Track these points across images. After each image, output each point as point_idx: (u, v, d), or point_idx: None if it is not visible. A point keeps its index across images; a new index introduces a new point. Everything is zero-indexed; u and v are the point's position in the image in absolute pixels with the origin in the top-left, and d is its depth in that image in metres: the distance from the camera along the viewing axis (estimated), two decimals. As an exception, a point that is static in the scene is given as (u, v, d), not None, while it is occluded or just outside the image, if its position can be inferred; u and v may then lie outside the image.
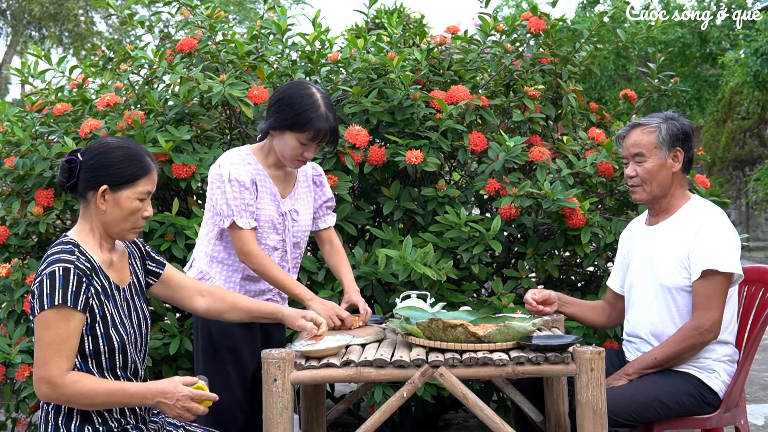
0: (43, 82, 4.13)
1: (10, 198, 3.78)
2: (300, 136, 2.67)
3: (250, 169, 2.72)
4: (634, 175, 2.83)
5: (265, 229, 2.75)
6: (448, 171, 4.18)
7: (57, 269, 2.11)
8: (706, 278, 2.67)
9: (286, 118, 2.66)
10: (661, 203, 2.85)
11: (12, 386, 3.57)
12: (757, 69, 12.26)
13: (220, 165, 2.72)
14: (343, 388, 4.69)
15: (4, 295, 3.63)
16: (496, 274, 3.87)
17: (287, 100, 2.68)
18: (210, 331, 2.73)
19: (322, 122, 2.66)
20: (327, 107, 2.68)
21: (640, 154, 2.81)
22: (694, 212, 2.79)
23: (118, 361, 2.22)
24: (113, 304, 2.23)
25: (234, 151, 2.77)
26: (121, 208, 2.23)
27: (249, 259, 2.69)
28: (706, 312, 2.67)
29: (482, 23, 4.03)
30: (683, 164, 2.83)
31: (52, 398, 2.12)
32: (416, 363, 2.32)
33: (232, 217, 2.67)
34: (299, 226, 2.86)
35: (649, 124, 2.83)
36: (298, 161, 2.74)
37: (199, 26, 3.94)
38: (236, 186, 2.67)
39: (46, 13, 21.32)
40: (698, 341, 2.69)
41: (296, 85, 2.76)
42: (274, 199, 2.77)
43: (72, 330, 2.11)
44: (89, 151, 2.26)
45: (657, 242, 2.83)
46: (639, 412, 2.65)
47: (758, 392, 5.06)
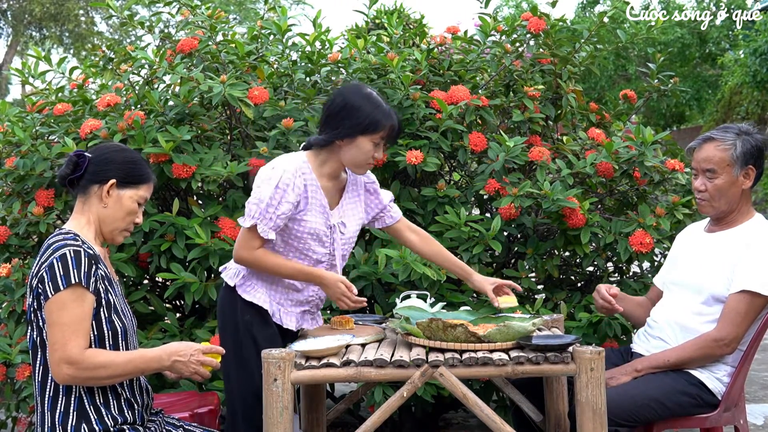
0: (43, 82, 4.13)
1: (11, 198, 3.79)
2: (374, 137, 2.64)
3: (301, 182, 2.64)
4: (703, 190, 2.79)
5: (307, 240, 2.69)
6: (448, 171, 4.18)
7: (68, 251, 2.16)
8: (743, 295, 2.67)
9: (357, 123, 2.61)
10: (726, 218, 2.82)
11: (12, 386, 3.57)
12: (757, 69, 12.28)
13: (274, 167, 2.65)
14: (343, 388, 4.69)
15: (5, 295, 3.63)
16: (496, 274, 3.87)
17: (353, 105, 2.63)
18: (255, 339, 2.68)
19: (391, 118, 2.66)
20: (386, 103, 2.69)
21: (712, 171, 2.76)
22: (753, 230, 2.77)
23: (122, 347, 2.25)
24: (114, 292, 2.27)
25: (291, 158, 2.69)
26: (122, 206, 2.30)
27: (249, 261, 2.66)
28: (732, 327, 2.67)
29: (482, 23, 4.03)
30: (754, 180, 2.80)
31: (75, 377, 2.14)
32: (416, 363, 2.32)
33: (256, 220, 2.60)
34: (346, 239, 2.80)
35: (724, 140, 2.76)
36: (369, 165, 2.71)
37: (199, 26, 3.94)
38: (279, 194, 2.59)
39: (46, 14, 21.35)
40: (715, 353, 2.70)
41: (352, 89, 2.71)
42: (324, 212, 2.70)
43: (86, 310, 2.16)
44: (98, 150, 2.36)
45: (710, 248, 2.81)
46: (639, 412, 2.65)
47: (758, 392, 5.07)
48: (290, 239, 2.69)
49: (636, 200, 3.95)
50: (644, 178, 3.74)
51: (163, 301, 3.84)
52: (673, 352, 2.74)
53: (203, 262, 3.48)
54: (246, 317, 2.69)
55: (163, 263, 3.53)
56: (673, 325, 2.82)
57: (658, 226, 3.56)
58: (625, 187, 3.93)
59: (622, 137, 3.98)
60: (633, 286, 3.78)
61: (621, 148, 3.75)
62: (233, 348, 2.70)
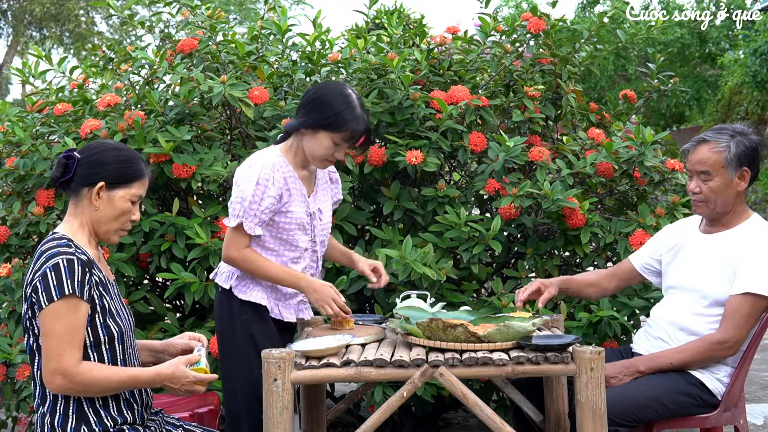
0: (43, 82, 4.13)
1: (11, 198, 3.79)
2: (335, 136, 2.65)
3: (280, 176, 2.68)
4: (698, 192, 2.78)
5: (294, 231, 2.73)
6: (448, 171, 4.18)
7: (61, 261, 2.13)
8: (745, 297, 2.66)
9: (322, 116, 2.64)
10: (722, 219, 2.81)
11: (12, 386, 3.57)
12: (756, 69, 12.28)
13: (250, 165, 2.68)
14: (343, 388, 4.70)
15: (5, 295, 3.64)
16: (496, 274, 3.87)
17: (324, 99, 2.66)
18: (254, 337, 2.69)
19: (359, 123, 2.65)
20: (362, 109, 2.69)
21: (706, 173, 2.75)
22: (752, 231, 2.76)
23: (119, 351, 2.24)
24: (109, 295, 2.26)
25: (266, 154, 2.72)
26: (114, 206, 2.27)
27: (238, 262, 2.67)
28: (735, 329, 2.67)
29: (482, 24, 4.03)
30: (749, 182, 2.79)
31: (67, 389, 2.14)
32: (416, 363, 2.32)
33: (241, 218, 2.63)
34: (324, 224, 2.84)
35: (718, 142, 2.75)
36: (327, 161, 2.72)
37: (199, 27, 3.94)
38: (261, 190, 2.63)
39: (46, 14, 21.35)
40: (718, 355, 2.70)
41: (333, 86, 2.75)
42: (304, 200, 2.75)
43: (80, 320, 2.14)
44: (88, 150, 2.30)
45: (709, 251, 2.80)
46: (638, 412, 2.65)
47: (758, 392, 5.07)
48: (279, 233, 2.71)
49: (636, 200, 3.95)
50: (644, 178, 3.74)
51: (163, 301, 3.84)
52: (676, 354, 2.73)
53: (203, 262, 3.48)
54: (244, 317, 2.70)
55: (163, 263, 3.53)
56: (673, 326, 2.82)
57: (658, 226, 3.56)
58: (625, 187, 3.93)
59: (622, 137, 3.98)
60: (633, 285, 3.77)
61: (621, 148, 3.75)
62: (233, 349, 2.71)
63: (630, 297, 3.59)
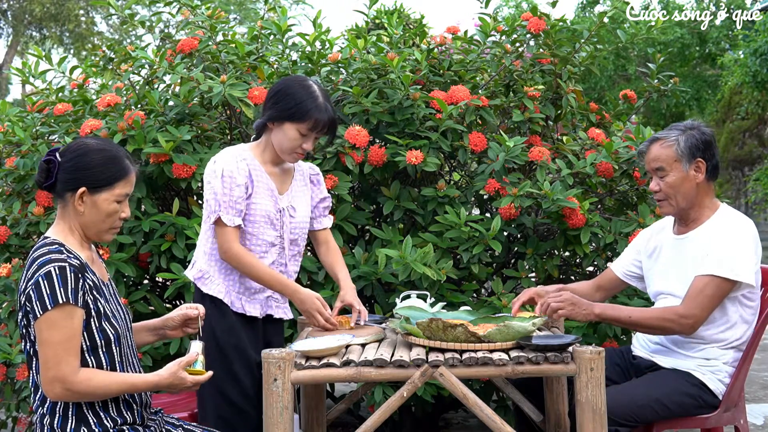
0: (43, 82, 4.14)
1: (11, 198, 3.79)
2: (300, 126, 2.69)
3: (244, 165, 2.73)
4: (657, 190, 2.81)
5: (261, 224, 2.76)
6: (448, 171, 4.18)
7: (53, 269, 2.11)
8: (711, 278, 2.67)
9: (285, 108, 2.69)
10: (690, 214, 2.82)
11: (12, 386, 3.57)
12: (757, 69, 12.28)
13: (215, 161, 2.74)
14: (343, 388, 4.70)
15: (5, 295, 3.64)
16: (496, 274, 3.87)
17: (286, 91, 2.72)
18: (214, 331, 2.73)
19: (321, 113, 2.69)
20: (325, 98, 2.73)
21: (661, 169, 2.79)
22: (723, 222, 2.77)
23: (116, 353, 2.23)
24: (104, 298, 2.24)
25: (230, 149, 2.79)
26: (99, 210, 2.24)
27: (230, 257, 2.70)
28: (697, 308, 2.67)
29: (482, 24, 4.03)
30: (707, 173, 2.79)
31: (66, 397, 2.14)
32: (416, 363, 2.32)
33: (218, 213, 2.68)
34: (296, 222, 2.86)
35: (667, 137, 2.80)
36: (296, 153, 2.76)
37: (199, 26, 3.95)
38: (228, 181, 2.68)
39: (46, 14, 21.34)
40: (674, 328, 2.69)
41: (294, 78, 2.81)
42: (272, 195, 2.78)
43: (76, 327, 2.13)
44: (68, 152, 2.25)
45: (687, 253, 2.80)
46: (639, 412, 2.65)
47: (758, 392, 5.07)
48: (246, 224, 2.74)
49: (636, 200, 3.95)
50: (644, 178, 3.74)
51: (163, 301, 3.84)
52: (636, 312, 2.73)
53: (203, 262, 3.47)
54: (207, 311, 2.70)
55: (163, 263, 3.53)
56: None
57: (658, 226, 3.56)
58: (625, 187, 3.93)
59: (622, 137, 3.98)
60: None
61: (621, 148, 3.76)
62: None
63: (630, 297, 3.59)
